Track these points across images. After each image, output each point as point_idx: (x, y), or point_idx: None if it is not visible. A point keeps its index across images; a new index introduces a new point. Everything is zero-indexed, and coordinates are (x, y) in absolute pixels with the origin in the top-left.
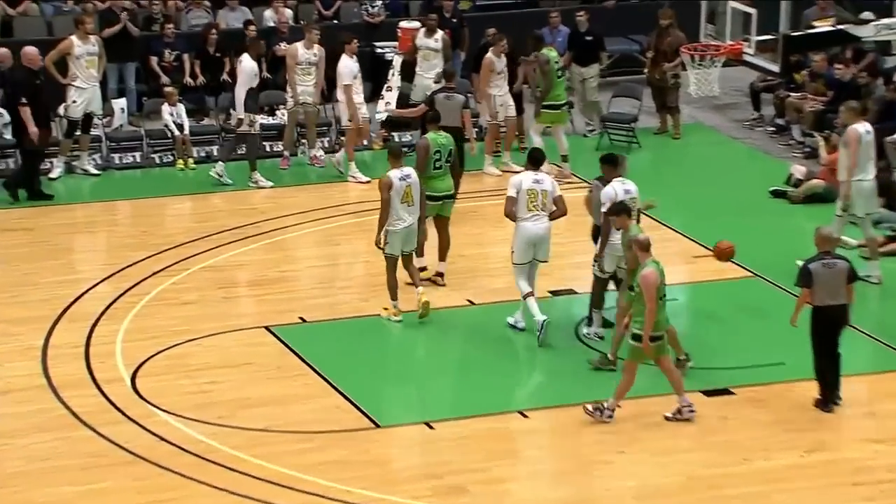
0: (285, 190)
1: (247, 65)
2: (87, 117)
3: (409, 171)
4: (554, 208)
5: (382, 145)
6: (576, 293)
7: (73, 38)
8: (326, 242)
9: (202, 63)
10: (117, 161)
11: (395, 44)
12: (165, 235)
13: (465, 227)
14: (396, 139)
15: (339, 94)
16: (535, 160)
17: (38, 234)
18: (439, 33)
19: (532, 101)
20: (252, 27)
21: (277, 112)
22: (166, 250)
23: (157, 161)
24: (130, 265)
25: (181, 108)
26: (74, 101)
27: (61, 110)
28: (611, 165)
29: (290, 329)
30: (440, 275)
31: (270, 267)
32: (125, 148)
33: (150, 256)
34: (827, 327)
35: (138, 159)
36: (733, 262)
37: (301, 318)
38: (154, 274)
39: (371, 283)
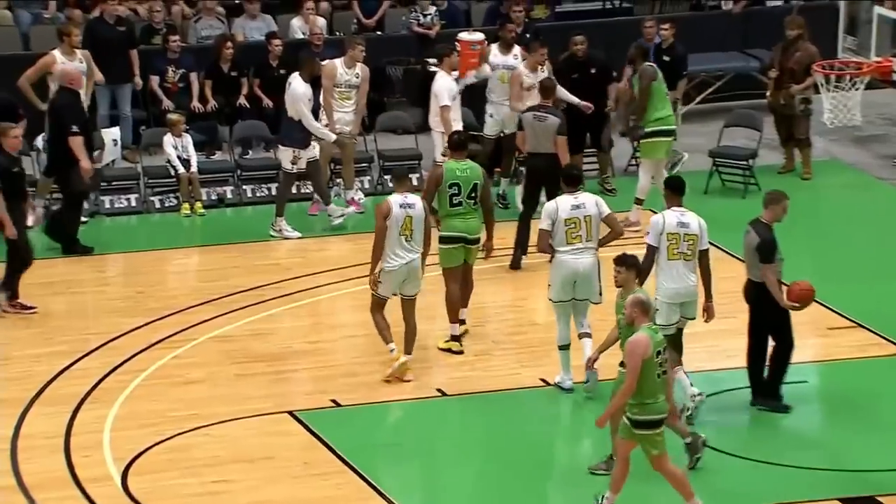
0: (315, 241)
1: (298, 88)
2: None
3: (415, 199)
4: (601, 235)
5: None
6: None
7: (56, 52)
8: (365, 306)
9: (214, 84)
10: (108, 205)
11: None
12: (166, 297)
13: (530, 287)
14: None
15: (433, 120)
16: (572, 179)
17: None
18: (517, 49)
19: (625, 130)
20: (276, 41)
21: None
22: (167, 316)
23: (158, 205)
24: (122, 335)
25: (188, 139)
26: None
27: (39, 142)
28: (674, 192)
29: (319, 414)
30: (463, 325)
31: (296, 337)
32: (118, 189)
33: (146, 324)
34: None
35: (134, 203)
36: (881, 336)
37: (334, 402)
38: (151, 346)
39: (422, 357)
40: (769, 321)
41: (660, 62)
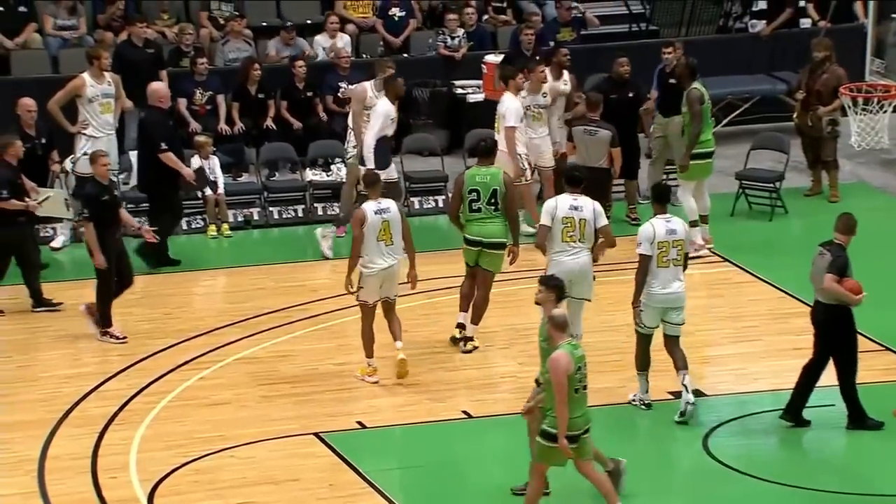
0: (343, 263)
1: (382, 107)
2: None
3: (389, 203)
4: (594, 240)
5: None
6: (704, 395)
7: (86, 75)
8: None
9: (241, 106)
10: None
11: (479, 83)
12: (193, 319)
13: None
14: None
15: (500, 140)
16: (573, 180)
17: (35, 319)
18: (566, 74)
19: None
20: (300, 62)
21: (333, 167)
22: (194, 337)
23: (184, 227)
24: (149, 356)
25: (215, 161)
26: (86, 154)
27: (68, 165)
28: (659, 200)
29: (345, 436)
30: (467, 339)
31: (321, 359)
32: (144, 211)
33: (173, 345)
34: None
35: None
36: None
37: (360, 423)
38: (178, 367)
39: (449, 380)
40: (838, 343)
41: (665, 85)
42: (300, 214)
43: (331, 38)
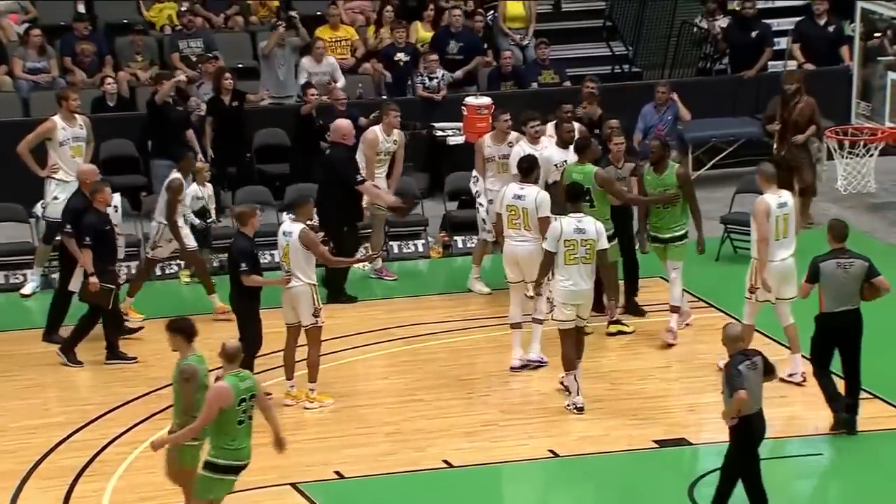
0: (325, 308)
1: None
2: None
3: (293, 228)
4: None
5: (442, 252)
6: (689, 443)
7: (56, 118)
8: (370, 375)
9: (216, 120)
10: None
11: (460, 125)
12: (167, 367)
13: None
14: (460, 244)
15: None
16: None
17: (2, 365)
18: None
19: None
20: (312, 90)
21: None
22: (168, 385)
23: (157, 272)
24: (122, 405)
25: (211, 189)
26: (56, 198)
27: (38, 209)
28: (571, 199)
29: (323, 487)
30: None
31: (299, 407)
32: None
33: (146, 394)
34: None
35: (134, 270)
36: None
37: (338, 473)
38: (152, 416)
39: (430, 428)
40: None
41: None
42: (277, 259)
43: (317, 61)
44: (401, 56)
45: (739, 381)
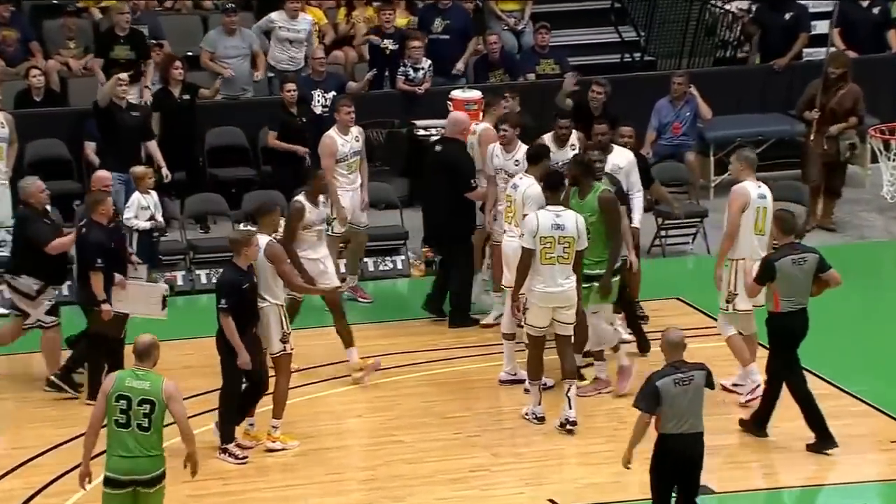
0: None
1: None
2: None
3: (264, 241)
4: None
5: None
6: (711, 491)
7: None
8: (341, 413)
9: (163, 115)
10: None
11: (444, 122)
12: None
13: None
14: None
15: None
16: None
17: None
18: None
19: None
20: (290, 84)
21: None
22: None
23: None
24: (50, 448)
25: (155, 197)
26: None
27: None
28: (549, 189)
29: None
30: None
31: (258, 450)
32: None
33: (80, 435)
34: None
35: (66, 292)
36: None
37: None
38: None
39: (410, 474)
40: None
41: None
42: None
43: (290, 17)
44: (388, 43)
45: (646, 403)
